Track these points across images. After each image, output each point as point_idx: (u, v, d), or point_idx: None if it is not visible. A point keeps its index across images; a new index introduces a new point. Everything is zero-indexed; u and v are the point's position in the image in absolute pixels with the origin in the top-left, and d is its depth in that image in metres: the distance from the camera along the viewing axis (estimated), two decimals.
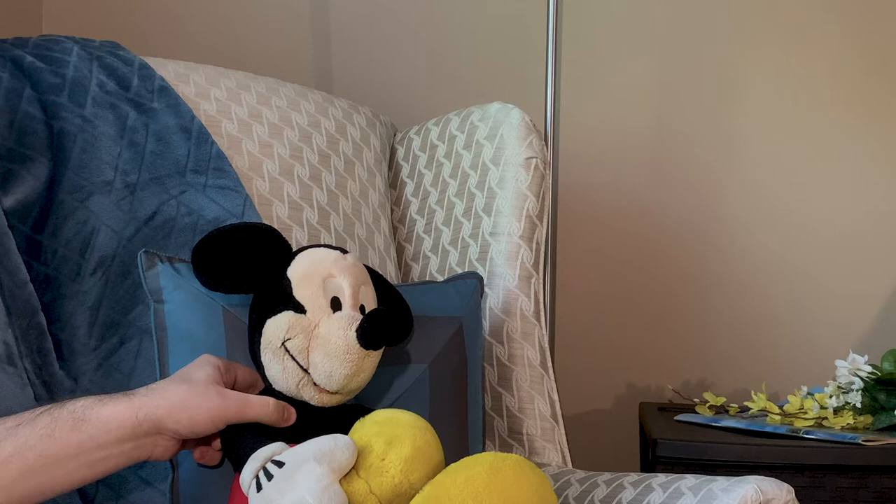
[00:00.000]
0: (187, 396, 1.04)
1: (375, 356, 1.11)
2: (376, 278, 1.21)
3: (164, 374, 1.21)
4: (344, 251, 1.16)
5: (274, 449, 1.03)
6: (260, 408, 1.07)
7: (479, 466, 1.01)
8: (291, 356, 1.09)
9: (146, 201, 1.42)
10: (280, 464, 1.00)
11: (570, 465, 1.49)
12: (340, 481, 1.01)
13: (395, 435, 1.03)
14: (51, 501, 1.04)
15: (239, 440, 1.07)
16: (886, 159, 2.07)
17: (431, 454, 1.04)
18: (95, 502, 1.27)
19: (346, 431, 1.06)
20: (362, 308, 1.13)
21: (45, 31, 2.06)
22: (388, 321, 1.09)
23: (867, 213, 2.07)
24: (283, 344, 1.09)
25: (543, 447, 1.48)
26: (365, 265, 1.20)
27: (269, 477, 1.00)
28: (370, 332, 1.08)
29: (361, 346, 1.08)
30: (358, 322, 1.08)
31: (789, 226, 2.09)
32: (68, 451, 1.00)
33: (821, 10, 2.07)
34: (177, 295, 1.22)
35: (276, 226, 1.47)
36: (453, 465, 1.03)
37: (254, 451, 1.03)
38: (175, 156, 1.46)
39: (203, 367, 1.08)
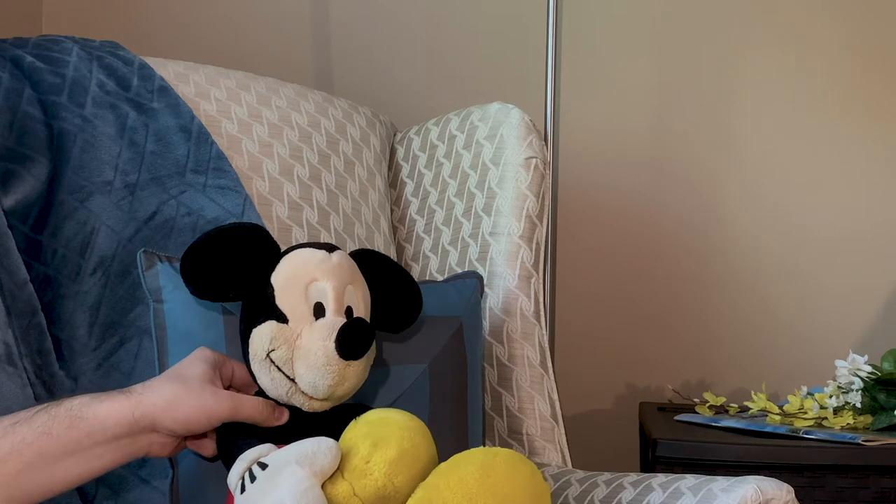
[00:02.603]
0: (182, 395, 1.04)
1: (359, 364, 1.09)
2: (383, 263, 1.19)
3: None
4: (331, 249, 1.13)
5: (261, 451, 1.03)
6: (252, 407, 1.08)
7: (470, 466, 1.00)
8: (277, 367, 1.08)
9: (146, 201, 1.42)
10: (264, 466, 1.00)
11: (569, 465, 1.49)
12: (325, 483, 1.01)
13: (381, 437, 1.02)
14: (50, 501, 1.04)
15: (230, 441, 1.08)
16: (886, 159, 2.07)
17: (419, 456, 1.03)
18: (95, 501, 1.27)
19: (341, 431, 1.06)
20: (349, 310, 1.11)
21: (45, 31, 2.06)
22: (365, 331, 1.07)
23: (867, 213, 2.07)
24: (267, 355, 1.08)
25: (543, 447, 1.48)
26: (371, 251, 1.18)
27: (253, 479, 1.00)
28: (347, 343, 1.06)
29: (340, 356, 1.06)
30: (336, 331, 1.06)
31: (789, 226, 2.09)
32: (66, 449, 1.00)
33: (820, 9, 2.07)
34: (176, 295, 1.22)
35: (275, 226, 1.47)
36: (443, 464, 1.02)
37: (242, 453, 1.03)
38: (175, 156, 1.46)
39: (198, 364, 1.08)
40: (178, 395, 1.04)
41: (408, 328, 1.21)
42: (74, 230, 1.38)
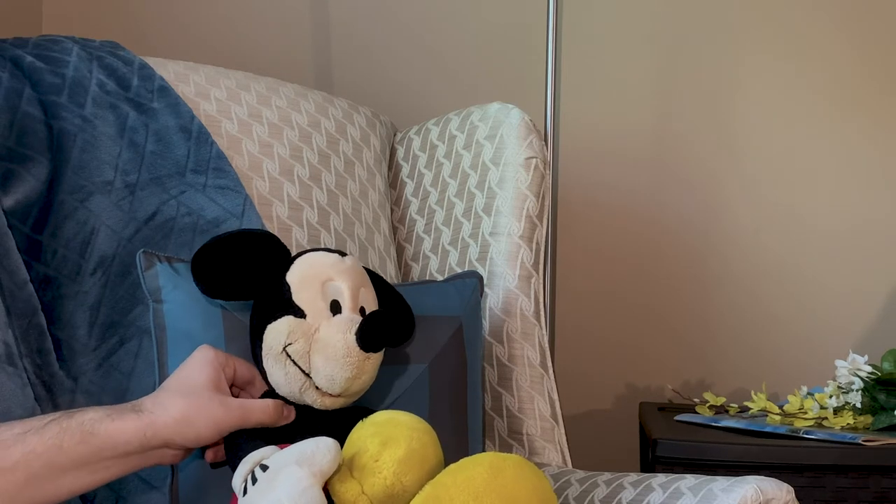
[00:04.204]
0: (192, 411, 1.04)
1: (376, 358, 1.11)
2: (376, 280, 1.21)
3: (163, 374, 1.21)
4: (343, 253, 1.16)
5: (263, 453, 1.04)
6: (261, 412, 1.08)
7: (479, 467, 1.01)
8: (293, 361, 1.09)
9: (146, 201, 1.42)
10: (266, 467, 1.01)
11: (570, 465, 1.49)
12: (334, 481, 1.01)
13: (390, 436, 1.03)
14: None
15: (236, 444, 1.08)
16: (886, 159, 2.07)
17: (427, 456, 1.03)
18: (95, 502, 1.27)
19: (348, 433, 1.06)
20: (362, 310, 1.13)
21: (45, 31, 2.06)
22: (387, 323, 1.09)
23: (867, 213, 2.07)
24: (284, 349, 1.09)
25: (543, 447, 1.48)
26: (365, 268, 1.20)
27: (255, 481, 1.01)
28: (369, 334, 1.08)
29: (361, 348, 1.08)
30: (357, 325, 1.08)
31: (789, 225, 2.09)
32: (75, 462, 1.01)
33: (821, 10, 2.07)
34: (176, 295, 1.23)
35: (276, 226, 1.47)
36: (453, 465, 1.03)
37: (246, 455, 1.04)
38: (175, 156, 1.46)
39: (203, 370, 1.08)
40: (189, 411, 1.04)
41: (404, 343, 1.24)
42: (74, 230, 1.38)
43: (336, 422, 1.11)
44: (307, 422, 1.12)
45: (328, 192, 1.57)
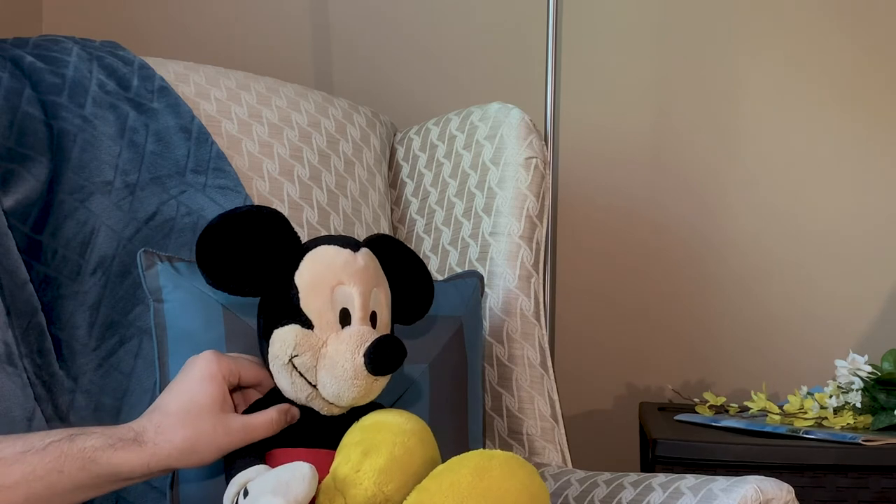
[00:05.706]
0: (195, 440, 1.03)
1: (384, 379, 1.08)
2: (398, 252, 1.16)
3: (163, 374, 1.21)
4: (355, 247, 1.10)
5: (248, 475, 1.03)
6: (265, 430, 1.06)
7: (464, 469, 0.99)
8: (299, 373, 1.06)
9: (146, 201, 1.42)
10: (248, 493, 1.00)
11: (570, 465, 1.49)
12: (319, 492, 1.00)
13: (373, 444, 1.01)
14: None
15: (230, 458, 1.06)
16: (887, 160, 2.07)
17: (412, 461, 1.02)
18: (94, 502, 1.27)
19: None
20: (374, 315, 1.09)
21: (45, 31, 2.06)
22: (397, 349, 1.05)
23: (867, 214, 2.07)
24: (290, 360, 1.06)
25: (543, 447, 1.48)
26: (386, 236, 1.16)
27: None
28: (379, 360, 1.04)
29: (370, 372, 1.04)
30: (366, 346, 1.04)
31: (789, 226, 2.09)
32: (76, 486, 1.01)
33: (821, 9, 2.07)
34: (176, 294, 1.22)
35: None
36: (440, 467, 1.01)
37: (237, 473, 1.04)
38: (175, 156, 1.46)
39: (207, 387, 1.05)
40: (192, 441, 1.03)
41: (419, 320, 1.19)
42: (74, 230, 1.38)
43: (343, 422, 1.09)
44: (314, 422, 1.09)
45: (328, 192, 1.57)
